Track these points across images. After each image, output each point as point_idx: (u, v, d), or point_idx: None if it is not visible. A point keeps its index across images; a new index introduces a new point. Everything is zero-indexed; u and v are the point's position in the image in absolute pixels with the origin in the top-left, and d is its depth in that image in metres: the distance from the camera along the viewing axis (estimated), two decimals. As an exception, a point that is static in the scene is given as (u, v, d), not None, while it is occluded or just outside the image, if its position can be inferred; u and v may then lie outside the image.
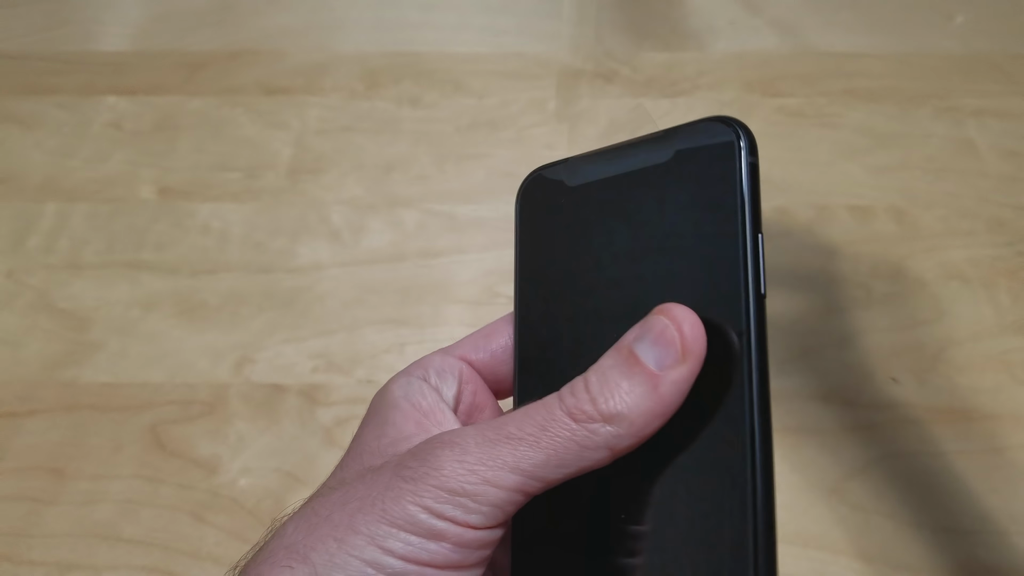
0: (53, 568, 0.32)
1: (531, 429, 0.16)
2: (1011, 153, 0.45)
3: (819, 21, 0.51)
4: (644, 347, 0.16)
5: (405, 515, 0.16)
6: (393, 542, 0.16)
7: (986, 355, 0.37)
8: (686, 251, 0.18)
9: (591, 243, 0.19)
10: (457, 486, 0.15)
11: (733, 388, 0.16)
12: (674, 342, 0.15)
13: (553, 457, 0.15)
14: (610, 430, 0.15)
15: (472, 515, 0.15)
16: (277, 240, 0.41)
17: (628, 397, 0.15)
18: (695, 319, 0.16)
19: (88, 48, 0.50)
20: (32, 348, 0.37)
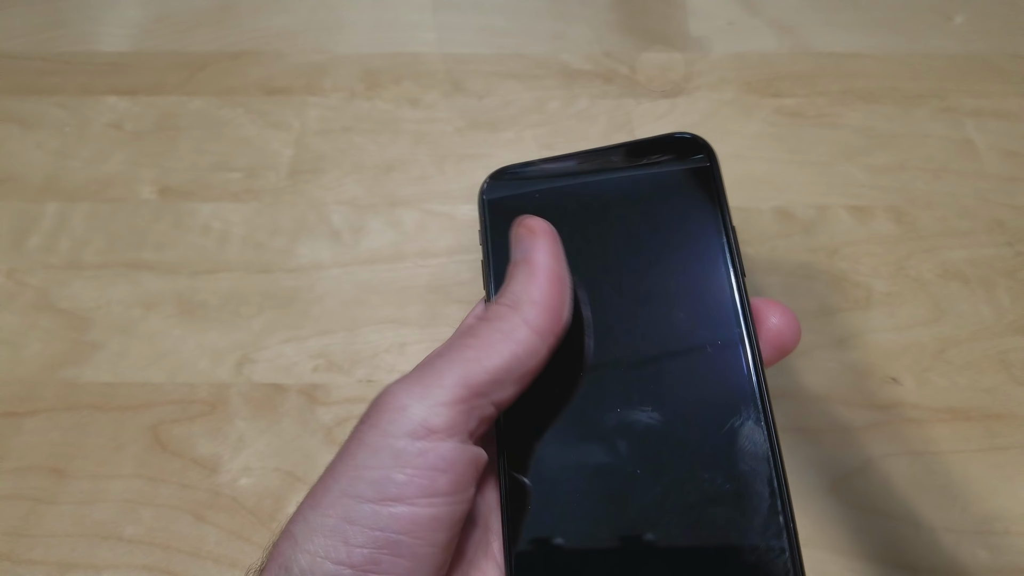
0: (53, 567, 0.32)
1: (457, 340, 0.18)
2: (1010, 153, 0.45)
3: (818, 21, 0.51)
4: (514, 255, 0.20)
5: (368, 454, 0.17)
6: (363, 486, 0.17)
7: (986, 355, 0.37)
8: (673, 249, 0.20)
9: (570, 242, 0.20)
10: (408, 404, 0.17)
11: (734, 358, 0.19)
12: (524, 233, 0.19)
13: (484, 349, 0.18)
14: (520, 312, 0.18)
15: (437, 425, 0.17)
16: (277, 240, 0.41)
17: (518, 284, 0.19)
18: (530, 216, 0.20)
19: (88, 48, 0.50)
20: (32, 348, 0.38)
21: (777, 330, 0.20)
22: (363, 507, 0.17)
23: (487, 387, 0.18)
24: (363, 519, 0.17)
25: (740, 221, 0.42)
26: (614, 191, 0.21)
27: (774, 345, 0.20)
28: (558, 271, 0.19)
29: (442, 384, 0.18)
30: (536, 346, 0.18)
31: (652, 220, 0.21)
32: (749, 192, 0.43)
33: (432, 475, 0.17)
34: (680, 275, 0.20)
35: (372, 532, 0.17)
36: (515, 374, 0.18)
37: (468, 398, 0.18)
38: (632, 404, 0.19)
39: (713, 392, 0.19)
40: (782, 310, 0.20)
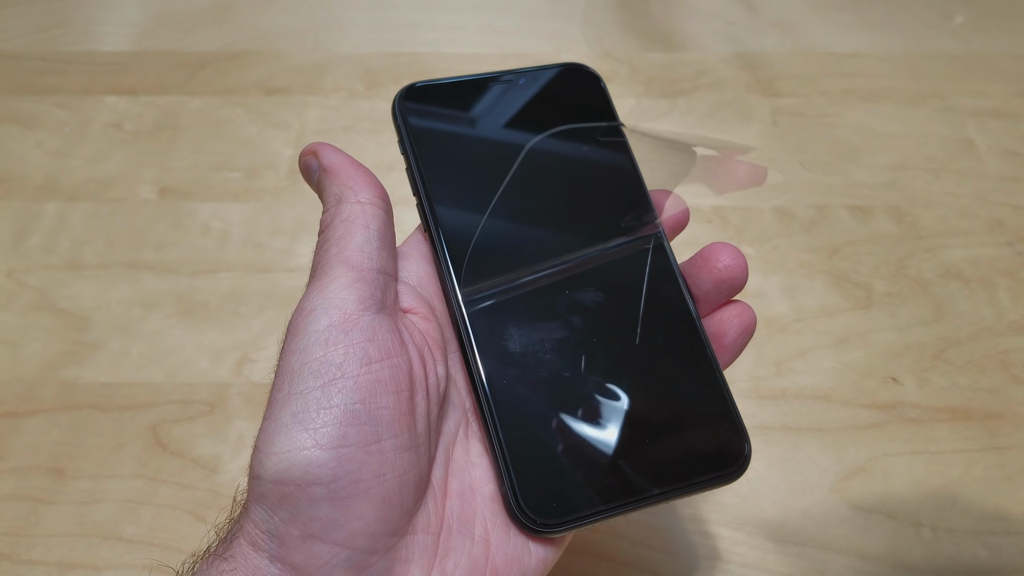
0: (53, 567, 0.32)
1: (320, 250, 0.21)
2: (1010, 153, 0.45)
3: (819, 21, 0.51)
4: (311, 176, 0.23)
5: (301, 356, 0.19)
6: (306, 379, 0.18)
7: (986, 355, 0.37)
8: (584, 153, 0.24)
9: (486, 143, 0.24)
10: (315, 305, 0.19)
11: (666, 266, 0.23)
12: (309, 158, 0.22)
13: (344, 239, 0.20)
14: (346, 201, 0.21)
15: (348, 307, 0.19)
16: (277, 240, 0.41)
17: (331, 185, 0.22)
18: (308, 145, 0.23)
19: (88, 48, 0.50)
20: (32, 348, 0.37)
21: (728, 268, 0.23)
22: (312, 394, 0.18)
23: (366, 260, 0.20)
24: (316, 403, 0.17)
25: (741, 220, 0.42)
26: (519, 107, 0.25)
27: (725, 280, 0.23)
28: (344, 158, 0.22)
29: (333, 277, 0.19)
30: (373, 212, 0.21)
31: (563, 153, 0.24)
32: (749, 192, 0.43)
33: (363, 345, 0.18)
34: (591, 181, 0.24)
35: (329, 410, 0.17)
36: (376, 241, 0.20)
37: (360, 276, 0.19)
38: (575, 289, 0.23)
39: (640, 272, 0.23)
40: (730, 249, 0.23)
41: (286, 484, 0.17)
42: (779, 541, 0.32)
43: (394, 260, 0.21)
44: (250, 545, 0.17)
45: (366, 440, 0.17)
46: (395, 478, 0.18)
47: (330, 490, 0.17)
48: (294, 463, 0.17)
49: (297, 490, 0.17)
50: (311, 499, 0.17)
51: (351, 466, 0.17)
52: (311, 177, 0.23)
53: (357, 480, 0.17)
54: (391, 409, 0.18)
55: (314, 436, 0.17)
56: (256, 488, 0.17)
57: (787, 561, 0.32)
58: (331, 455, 0.17)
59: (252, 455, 0.18)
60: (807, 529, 0.32)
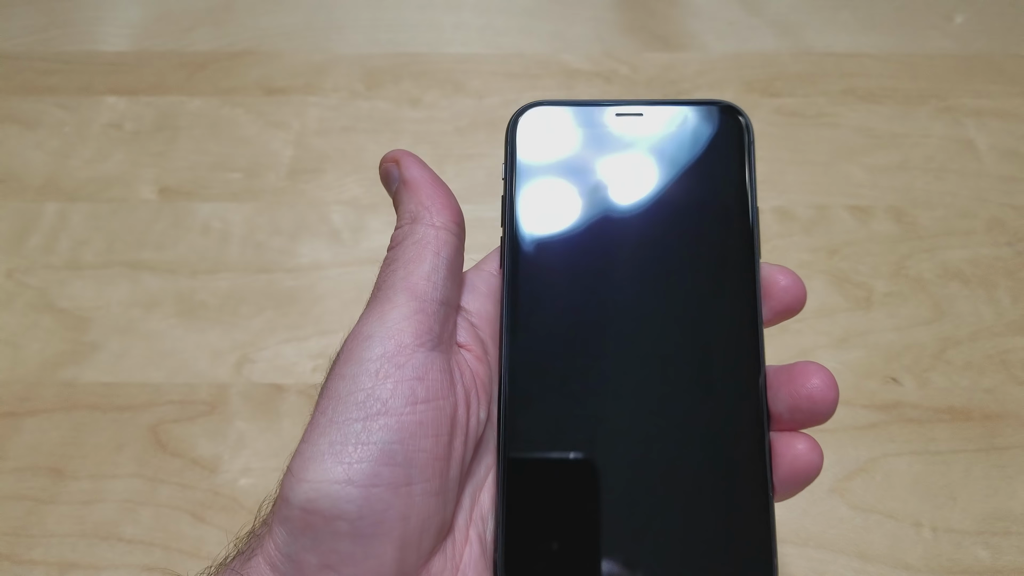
0: (53, 567, 0.32)
1: (384, 271, 0.20)
2: (1010, 153, 0.45)
3: (819, 21, 0.51)
4: (390, 187, 0.22)
5: (349, 383, 0.18)
6: (349, 409, 0.18)
7: (986, 355, 0.37)
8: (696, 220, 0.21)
9: (597, 184, 0.22)
10: (373, 332, 0.19)
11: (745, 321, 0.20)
12: (390, 167, 0.22)
13: (411, 264, 0.20)
14: (420, 221, 0.20)
15: (405, 340, 0.19)
16: (277, 240, 0.41)
17: (407, 202, 0.21)
18: (390, 152, 0.22)
19: (88, 48, 0.50)
20: (32, 348, 0.37)
21: (784, 290, 0.21)
22: (353, 426, 0.17)
23: (431, 291, 0.19)
24: (355, 436, 0.17)
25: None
26: (646, 149, 0.22)
27: (783, 303, 0.22)
28: (427, 173, 0.21)
29: (395, 304, 0.19)
30: (446, 238, 0.20)
31: (678, 186, 0.22)
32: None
33: (412, 384, 0.18)
34: (698, 250, 0.21)
35: (366, 447, 0.17)
36: (444, 270, 0.20)
37: (421, 307, 0.19)
38: (632, 375, 0.20)
39: (714, 387, 0.20)
40: (788, 273, 0.21)
41: (313, 514, 0.17)
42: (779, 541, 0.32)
43: (459, 291, 0.21)
44: (268, 565, 0.17)
45: (397, 482, 0.17)
46: (418, 522, 0.18)
47: (354, 527, 0.17)
48: (324, 494, 0.17)
49: (322, 521, 0.17)
50: (334, 532, 0.17)
51: (378, 506, 0.17)
52: (390, 186, 0.22)
53: (381, 521, 0.17)
54: (427, 453, 0.18)
55: (348, 471, 0.17)
56: (283, 510, 0.17)
57: (788, 562, 0.32)
58: (361, 493, 0.17)
59: (284, 475, 0.18)
60: (807, 529, 0.32)
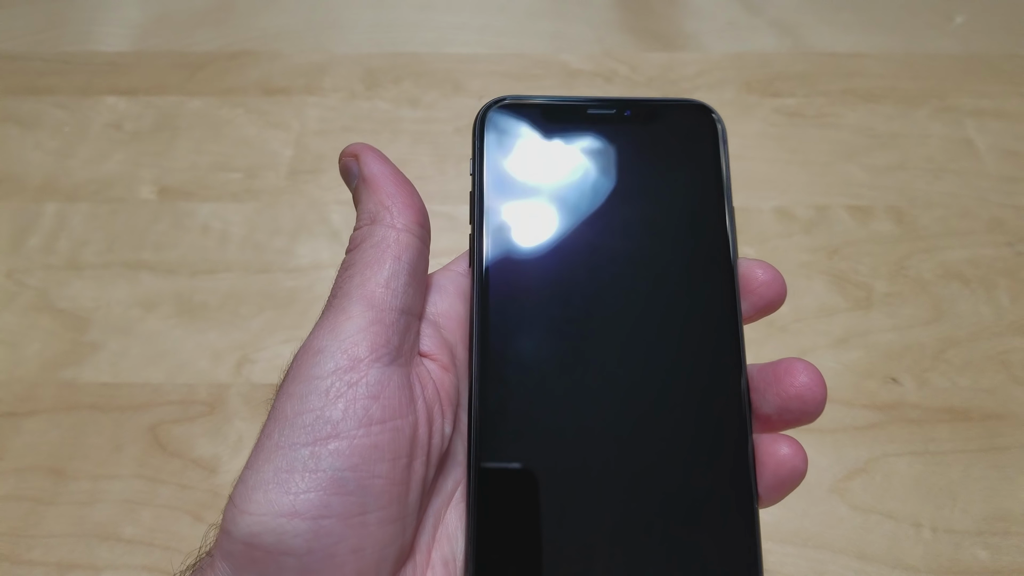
0: (53, 568, 0.32)
1: (341, 276, 0.19)
2: (1010, 153, 0.45)
3: (818, 21, 0.51)
4: (349, 182, 0.20)
5: (297, 403, 0.17)
6: (297, 432, 0.17)
7: (986, 355, 0.37)
8: (673, 205, 0.21)
9: (568, 181, 0.21)
10: (324, 345, 0.17)
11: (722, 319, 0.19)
12: (350, 161, 0.20)
13: (369, 269, 0.18)
14: (381, 222, 0.19)
15: (359, 353, 0.17)
16: (277, 240, 0.41)
17: (367, 201, 0.19)
18: (350, 145, 0.20)
19: (88, 48, 0.50)
20: (32, 348, 0.37)
21: (765, 285, 0.20)
22: (301, 452, 0.16)
23: (389, 299, 0.18)
24: (302, 463, 0.16)
25: (740, 221, 0.42)
26: (619, 147, 0.21)
27: (764, 298, 0.20)
28: (388, 169, 0.20)
29: (349, 315, 0.17)
30: (408, 241, 0.19)
31: (651, 185, 0.21)
32: (749, 192, 0.43)
33: (366, 403, 0.17)
34: (673, 250, 0.20)
35: (314, 475, 0.16)
36: (405, 275, 0.18)
37: (378, 317, 0.17)
38: (613, 380, 0.19)
39: (697, 382, 0.19)
40: (767, 267, 0.20)
41: (256, 548, 0.16)
42: (779, 541, 0.32)
43: (422, 297, 0.19)
44: None
45: (350, 512, 0.16)
46: (374, 552, 0.16)
47: (302, 563, 0.16)
48: (268, 528, 0.15)
49: (267, 557, 0.16)
50: (280, 568, 0.16)
51: (328, 540, 0.16)
52: (350, 183, 0.20)
53: (332, 555, 0.16)
54: (384, 479, 0.16)
55: (294, 502, 0.16)
56: (225, 544, 0.16)
57: (788, 562, 0.32)
58: (308, 526, 0.16)
59: (227, 506, 0.16)
60: (807, 529, 0.32)
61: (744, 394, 0.19)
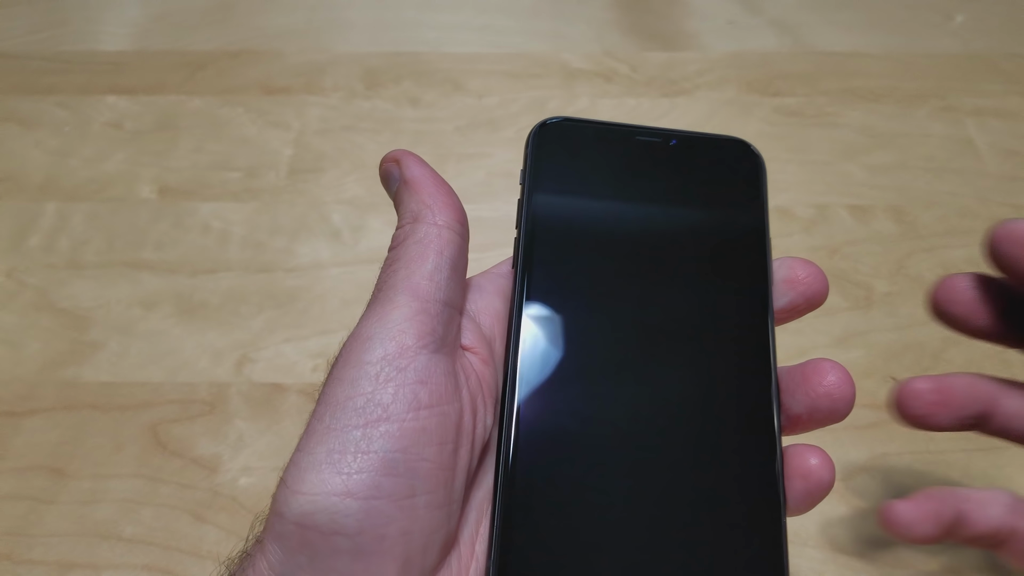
0: (53, 567, 0.32)
1: (385, 271, 0.20)
2: (1010, 152, 0.45)
3: (819, 21, 0.51)
4: (391, 187, 0.21)
5: (348, 387, 0.18)
6: (349, 415, 0.17)
7: (986, 354, 0.37)
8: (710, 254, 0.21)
9: (616, 202, 0.22)
10: (374, 333, 0.18)
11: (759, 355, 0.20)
12: (391, 167, 0.21)
13: (414, 263, 0.19)
14: (423, 220, 0.20)
15: (407, 341, 0.18)
16: (277, 239, 0.41)
17: (408, 201, 0.20)
18: (391, 152, 0.21)
19: (88, 48, 0.50)
20: (32, 347, 0.37)
21: (807, 282, 0.21)
22: (352, 433, 0.17)
23: (433, 291, 0.19)
24: (354, 445, 0.16)
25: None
26: (665, 173, 0.23)
27: (805, 296, 0.21)
28: (428, 172, 0.21)
29: (396, 305, 0.18)
30: (449, 237, 0.20)
31: (692, 211, 0.22)
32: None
33: (414, 388, 0.17)
34: (711, 268, 0.21)
35: (366, 456, 0.16)
36: (447, 270, 0.19)
37: (424, 308, 0.18)
38: (649, 380, 0.20)
39: (727, 419, 0.20)
40: (808, 265, 0.21)
41: (309, 529, 0.16)
42: (779, 541, 0.32)
43: (463, 292, 0.20)
44: None
45: (400, 494, 0.16)
46: (422, 538, 0.17)
47: (354, 543, 0.16)
48: (321, 508, 0.16)
49: (320, 537, 0.16)
50: (333, 549, 0.16)
51: (380, 520, 0.16)
52: (390, 186, 0.21)
53: (383, 536, 0.16)
54: (431, 462, 0.17)
55: (347, 482, 0.16)
56: (277, 526, 0.16)
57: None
58: (361, 506, 0.16)
59: (278, 487, 0.17)
60: (807, 529, 0.32)
61: (775, 400, 0.20)
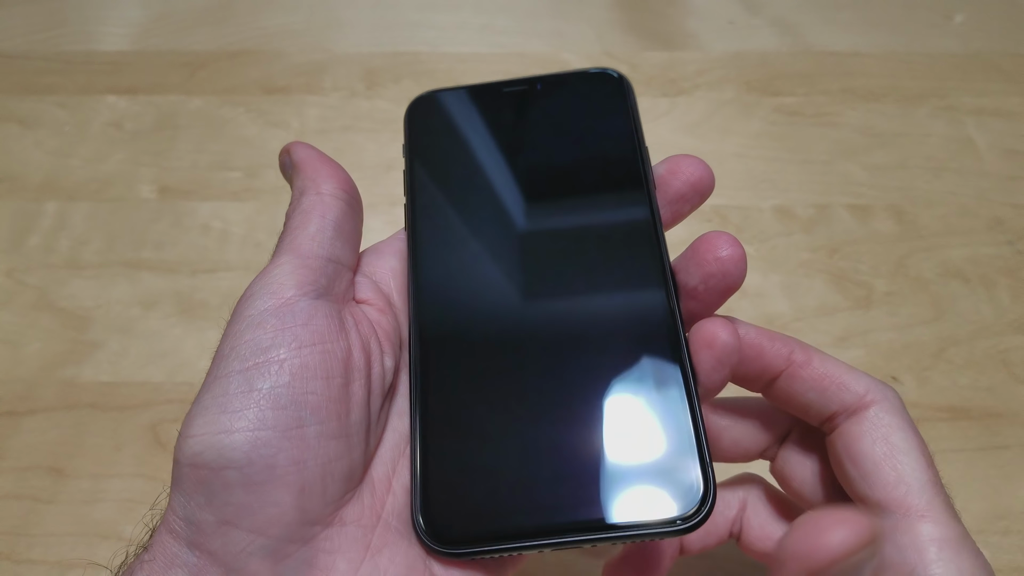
0: (53, 567, 0.32)
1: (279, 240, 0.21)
2: (1010, 152, 0.45)
3: (819, 20, 0.51)
4: (285, 171, 0.23)
5: (230, 339, 0.19)
6: (231, 362, 0.18)
7: (986, 354, 0.37)
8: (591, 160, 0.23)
9: (491, 149, 0.23)
10: (255, 291, 0.19)
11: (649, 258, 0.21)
12: (284, 156, 0.22)
13: (298, 228, 0.20)
14: (307, 193, 0.21)
15: (286, 292, 0.19)
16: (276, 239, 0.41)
17: (298, 179, 0.21)
18: (285, 145, 0.22)
19: (88, 48, 0.50)
20: (32, 347, 0.37)
21: (688, 170, 0.22)
22: (235, 377, 0.17)
23: (315, 248, 0.20)
24: (237, 386, 0.17)
25: (741, 219, 0.42)
26: (533, 116, 0.24)
27: (688, 183, 0.22)
28: (314, 153, 0.22)
29: (278, 264, 0.19)
30: (332, 202, 0.21)
31: (563, 139, 0.23)
32: (749, 191, 0.43)
33: (294, 329, 0.18)
34: (590, 185, 0.22)
35: (248, 394, 0.17)
36: (331, 230, 0.20)
37: (304, 264, 0.19)
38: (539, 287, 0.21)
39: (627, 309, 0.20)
40: (692, 160, 0.22)
41: (201, 468, 0.16)
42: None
43: (351, 251, 0.21)
44: (169, 533, 0.17)
45: (287, 425, 0.17)
46: (318, 466, 0.17)
47: (243, 474, 0.16)
48: (209, 446, 0.16)
49: (211, 474, 0.16)
50: (225, 483, 0.16)
51: (267, 450, 0.16)
52: (285, 173, 0.23)
53: (272, 465, 0.16)
54: (319, 395, 0.17)
55: (231, 419, 0.17)
56: (175, 474, 0.17)
57: (787, 560, 0.32)
58: (246, 438, 0.16)
59: (176, 442, 0.17)
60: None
61: (669, 280, 0.20)
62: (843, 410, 0.21)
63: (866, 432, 0.20)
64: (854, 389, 0.21)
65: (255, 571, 0.16)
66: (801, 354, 0.22)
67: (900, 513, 0.19)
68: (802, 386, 0.21)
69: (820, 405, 0.21)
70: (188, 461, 0.17)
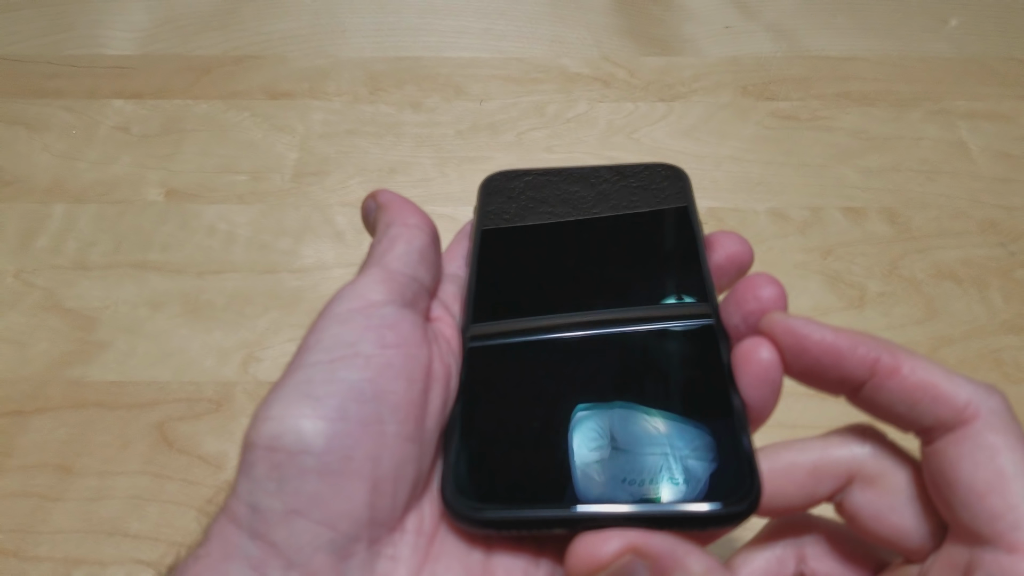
0: (60, 564, 0.32)
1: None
2: (1003, 155, 0.45)
3: (814, 25, 0.52)
4: (370, 214, 0.23)
5: (317, 333, 0.19)
6: (315, 353, 0.18)
7: (979, 354, 0.38)
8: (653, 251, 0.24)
9: (557, 237, 0.24)
10: (343, 294, 0.19)
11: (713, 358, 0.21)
12: (370, 202, 0.23)
13: (387, 252, 0.20)
14: (393, 226, 0.21)
15: (374, 297, 0.19)
16: (282, 241, 0.42)
17: (383, 217, 0.22)
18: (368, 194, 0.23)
19: (95, 52, 0.50)
20: (39, 347, 0.38)
21: (733, 251, 0.23)
22: (319, 367, 0.17)
23: (402, 267, 0.20)
24: (321, 375, 0.17)
25: (736, 222, 0.43)
26: (599, 209, 0.25)
27: (733, 263, 0.23)
28: (399, 196, 0.23)
29: (366, 274, 0.20)
30: (417, 233, 0.21)
31: (626, 225, 0.25)
32: (745, 194, 0.44)
33: (379, 330, 0.18)
34: (648, 252, 0.24)
35: (331, 384, 0.17)
36: (416, 255, 0.21)
37: (391, 276, 0.20)
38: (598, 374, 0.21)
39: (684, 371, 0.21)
40: (735, 237, 0.23)
41: (277, 451, 0.16)
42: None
43: (432, 277, 0.21)
44: (230, 521, 0.16)
45: (367, 419, 0.17)
46: (391, 466, 0.17)
47: (320, 462, 0.16)
48: (288, 429, 0.16)
49: (287, 458, 0.16)
50: (300, 469, 0.16)
51: (346, 441, 0.16)
52: (369, 218, 0.23)
53: (350, 457, 0.16)
54: (399, 395, 0.17)
55: (313, 405, 0.16)
56: (246, 458, 0.16)
57: (783, 555, 0.32)
58: (327, 426, 0.16)
59: (249, 426, 0.17)
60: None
61: (716, 321, 0.21)
62: (939, 425, 0.18)
63: (966, 454, 0.17)
64: (952, 402, 0.17)
65: (319, 567, 0.16)
66: (889, 359, 0.19)
67: (1004, 549, 0.16)
68: (889, 397, 0.19)
69: (911, 419, 0.18)
70: (264, 443, 0.16)
